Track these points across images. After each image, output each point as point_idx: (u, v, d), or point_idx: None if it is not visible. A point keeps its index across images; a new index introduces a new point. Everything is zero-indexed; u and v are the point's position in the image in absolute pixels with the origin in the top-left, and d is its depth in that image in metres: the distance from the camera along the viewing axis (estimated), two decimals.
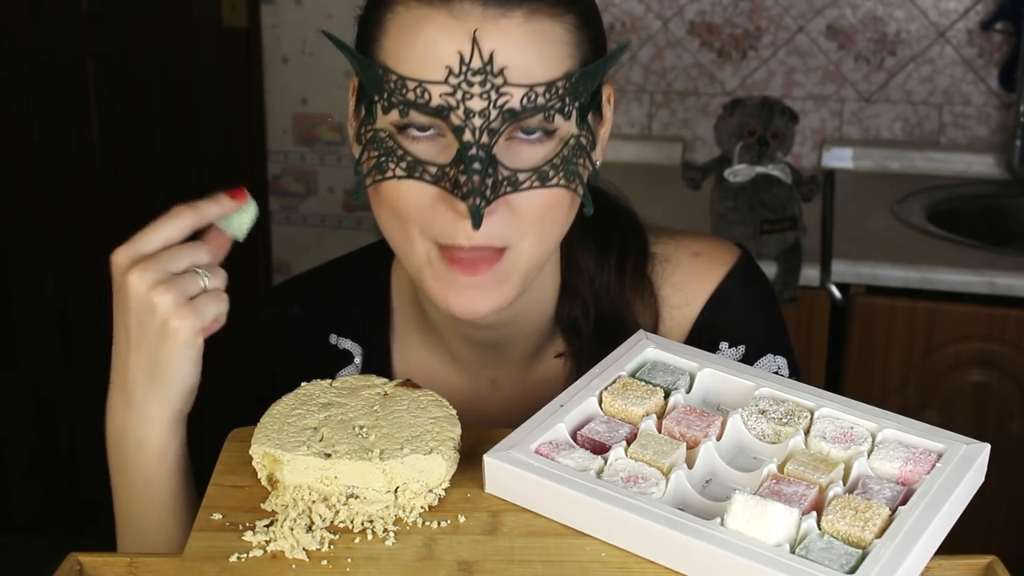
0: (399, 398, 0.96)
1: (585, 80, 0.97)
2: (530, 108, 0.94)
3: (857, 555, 0.79)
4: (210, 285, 0.99)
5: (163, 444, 1.02)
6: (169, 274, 0.97)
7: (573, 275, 1.13)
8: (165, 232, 0.98)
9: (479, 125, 0.93)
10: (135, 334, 0.98)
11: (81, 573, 0.89)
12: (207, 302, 0.98)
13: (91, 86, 3.00)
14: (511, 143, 0.96)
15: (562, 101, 0.96)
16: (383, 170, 0.97)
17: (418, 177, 0.96)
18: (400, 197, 0.98)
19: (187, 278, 0.97)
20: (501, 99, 0.93)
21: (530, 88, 0.94)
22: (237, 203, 1.00)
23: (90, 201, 3.06)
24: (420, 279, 1.02)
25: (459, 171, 0.94)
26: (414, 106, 0.94)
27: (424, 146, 0.96)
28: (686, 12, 2.70)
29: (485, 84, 0.93)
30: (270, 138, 2.94)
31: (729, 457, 0.92)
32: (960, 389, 2.16)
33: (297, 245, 2.99)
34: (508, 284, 1.00)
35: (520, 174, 0.95)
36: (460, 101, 0.93)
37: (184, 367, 0.99)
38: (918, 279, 2.12)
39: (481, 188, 0.93)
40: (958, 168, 2.62)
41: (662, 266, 1.15)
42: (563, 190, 0.98)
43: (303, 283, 1.23)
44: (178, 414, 1.02)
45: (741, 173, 2.15)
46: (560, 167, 0.97)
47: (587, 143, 0.99)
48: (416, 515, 0.88)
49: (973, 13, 2.58)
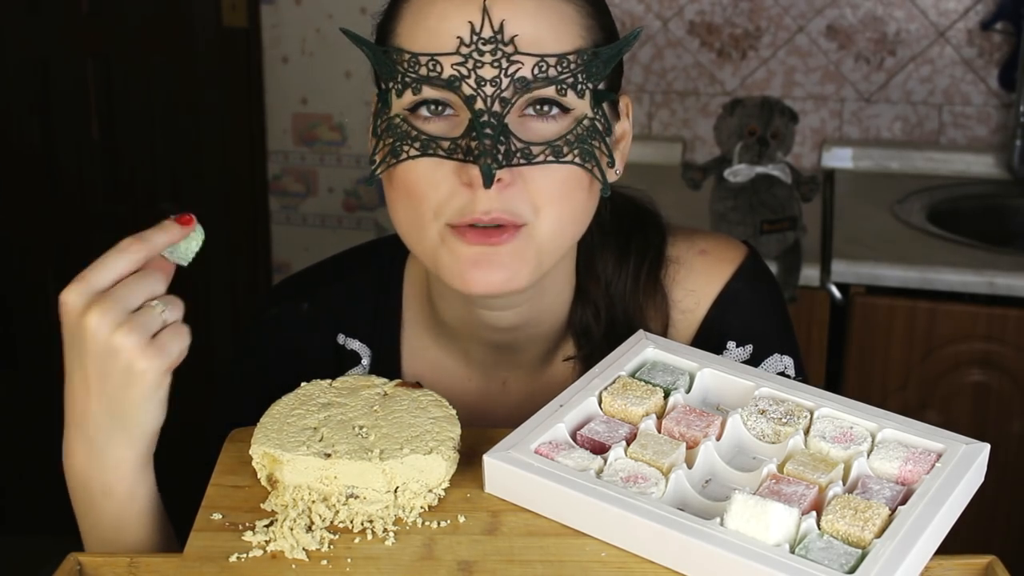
0: (399, 398, 0.96)
1: (598, 62, 0.98)
2: (541, 78, 0.95)
3: (857, 555, 0.79)
4: (169, 318, 0.93)
5: (131, 488, 0.97)
6: (128, 312, 0.92)
7: (589, 280, 1.13)
8: (116, 267, 0.92)
9: (491, 93, 0.94)
10: (96, 378, 0.92)
11: (81, 573, 0.89)
12: (171, 338, 0.93)
13: (91, 86, 3.00)
14: (524, 120, 0.97)
15: (574, 76, 0.96)
16: (397, 154, 0.97)
17: (431, 153, 0.96)
18: (414, 176, 0.97)
19: (148, 315, 0.92)
20: (512, 67, 0.94)
21: (541, 58, 0.95)
22: (185, 230, 0.96)
23: (90, 201, 3.06)
24: (434, 260, 1.00)
25: (471, 139, 0.94)
26: (427, 80, 0.95)
27: (438, 125, 0.97)
28: (686, 12, 2.70)
29: (496, 53, 0.94)
30: (270, 138, 2.94)
31: (729, 457, 0.92)
32: (960, 389, 2.16)
33: (297, 245, 2.99)
34: (523, 260, 0.99)
35: (534, 147, 0.96)
36: (471, 70, 0.94)
37: (151, 410, 0.94)
38: (918, 279, 2.12)
39: (492, 151, 0.93)
40: (958, 168, 2.62)
41: (675, 269, 1.15)
42: (580, 171, 0.98)
43: (312, 279, 1.22)
44: (145, 456, 0.97)
45: (741, 173, 2.15)
46: (574, 144, 0.97)
47: (603, 128, 0.99)
48: (416, 515, 0.88)
49: (973, 13, 2.58)
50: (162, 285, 0.94)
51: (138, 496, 0.98)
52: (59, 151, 3.05)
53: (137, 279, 0.93)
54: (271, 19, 2.86)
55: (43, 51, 2.99)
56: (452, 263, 0.99)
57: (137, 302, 0.92)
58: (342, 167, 2.92)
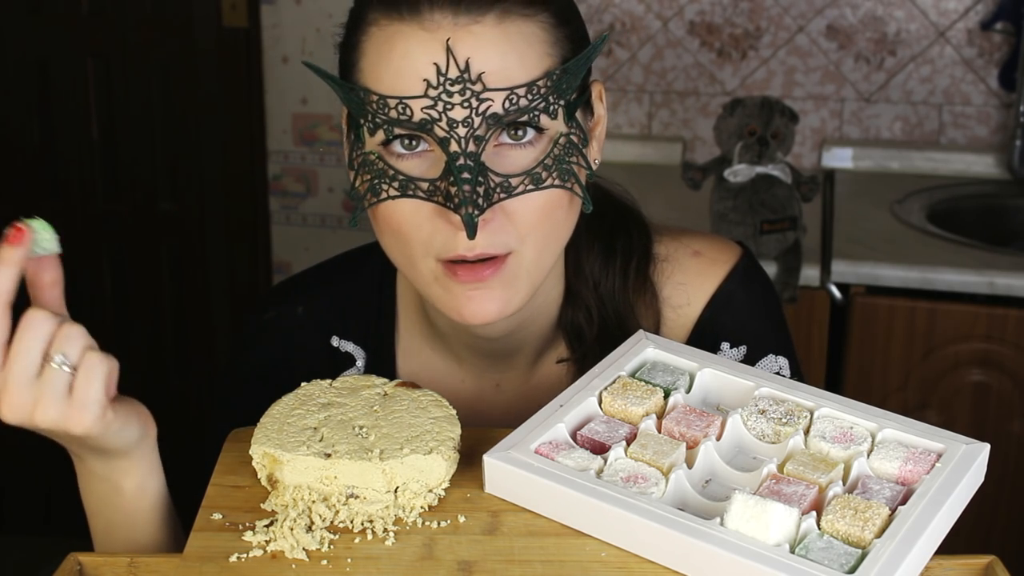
0: (399, 398, 0.96)
1: (567, 77, 0.97)
2: (513, 110, 0.94)
3: (857, 555, 0.79)
4: (73, 360, 0.86)
5: (141, 483, 0.99)
6: (31, 384, 0.85)
7: (578, 281, 1.13)
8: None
9: (464, 134, 0.93)
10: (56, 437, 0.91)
11: (81, 573, 0.89)
12: (86, 386, 0.87)
13: (91, 86, 3.00)
14: (500, 149, 0.96)
15: (546, 100, 0.95)
16: (377, 192, 0.97)
17: (411, 195, 0.96)
18: (398, 217, 0.98)
19: (51, 380, 0.86)
20: (483, 105, 0.93)
21: (511, 91, 0.94)
22: (23, 242, 0.88)
23: (90, 201, 3.06)
24: (429, 296, 1.02)
25: (449, 183, 0.93)
26: (397, 123, 0.94)
27: (414, 163, 0.96)
28: (686, 12, 2.70)
29: (465, 92, 0.93)
30: (270, 138, 2.94)
31: (729, 457, 0.92)
32: (960, 389, 2.16)
33: (297, 245, 2.99)
34: (514, 288, 0.99)
35: (512, 179, 0.95)
36: (442, 112, 0.93)
37: (117, 439, 0.93)
38: (918, 279, 2.12)
39: (472, 197, 0.92)
40: (958, 168, 2.62)
41: (664, 266, 1.14)
42: (559, 191, 0.97)
43: (306, 282, 1.22)
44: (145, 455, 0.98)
45: (741, 173, 2.15)
46: (552, 167, 0.96)
47: (578, 141, 0.98)
48: (416, 515, 0.88)
49: (973, 13, 2.58)
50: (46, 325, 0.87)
51: (148, 489, 1.00)
52: (59, 151, 3.05)
53: (21, 342, 0.86)
54: (271, 19, 2.86)
55: (43, 51, 2.99)
56: (447, 299, 1.00)
57: (34, 367, 0.86)
58: (342, 167, 2.92)
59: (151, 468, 1.00)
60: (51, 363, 0.86)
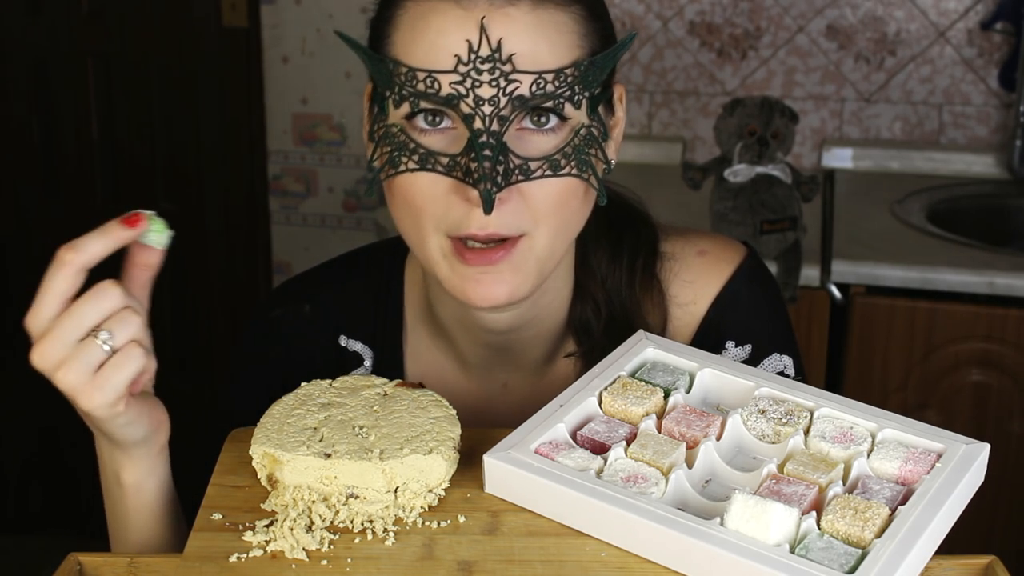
0: (399, 398, 0.96)
1: (595, 70, 0.98)
2: (539, 95, 0.95)
3: (857, 555, 0.79)
4: (118, 342, 0.88)
5: (138, 481, 1.00)
6: (71, 346, 0.88)
7: (586, 276, 1.13)
8: (57, 289, 0.89)
9: (489, 113, 0.94)
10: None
11: (81, 573, 0.89)
12: (114, 371, 0.88)
13: (91, 86, 3.00)
14: (522, 134, 0.97)
15: (572, 89, 0.96)
16: (396, 164, 0.98)
17: (430, 168, 0.96)
18: (413, 190, 0.98)
19: (88, 349, 0.88)
20: (510, 86, 0.94)
21: (539, 75, 0.95)
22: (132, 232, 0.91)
23: (90, 201, 3.06)
24: (435, 273, 1.02)
25: (470, 159, 0.94)
26: (424, 96, 0.95)
27: (436, 138, 0.97)
28: (686, 12, 2.70)
29: (494, 72, 0.94)
30: (270, 138, 2.95)
31: (729, 457, 0.92)
32: (960, 389, 2.16)
33: (297, 245, 2.99)
34: (523, 273, 1.00)
35: (532, 163, 0.96)
36: (470, 89, 0.94)
37: (120, 432, 0.95)
38: (918, 279, 2.12)
39: (492, 174, 0.93)
40: (958, 168, 2.62)
41: (670, 264, 1.15)
42: (576, 180, 0.98)
43: (312, 281, 1.22)
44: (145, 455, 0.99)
45: (741, 173, 2.15)
46: (572, 156, 0.97)
47: (599, 134, 0.99)
48: (416, 515, 0.88)
49: (973, 13, 2.58)
50: (112, 301, 0.88)
51: (145, 488, 1.00)
52: (59, 150, 3.05)
53: (82, 304, 0.88)
54: (271, 19, 2.86)
55: (43, 51, 2.99)
56: (454, 278, 1.00)
57: (81, 332, 0.88)
58: (342, 167, 2.92)
59: (150, 469, 1.00)
60: (96, 336, 0.88)
